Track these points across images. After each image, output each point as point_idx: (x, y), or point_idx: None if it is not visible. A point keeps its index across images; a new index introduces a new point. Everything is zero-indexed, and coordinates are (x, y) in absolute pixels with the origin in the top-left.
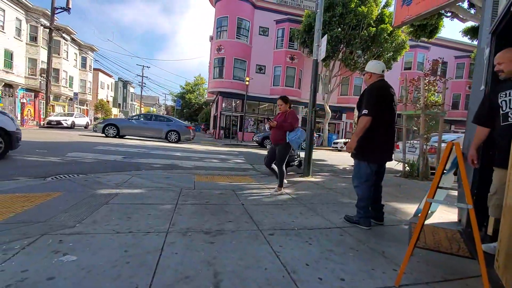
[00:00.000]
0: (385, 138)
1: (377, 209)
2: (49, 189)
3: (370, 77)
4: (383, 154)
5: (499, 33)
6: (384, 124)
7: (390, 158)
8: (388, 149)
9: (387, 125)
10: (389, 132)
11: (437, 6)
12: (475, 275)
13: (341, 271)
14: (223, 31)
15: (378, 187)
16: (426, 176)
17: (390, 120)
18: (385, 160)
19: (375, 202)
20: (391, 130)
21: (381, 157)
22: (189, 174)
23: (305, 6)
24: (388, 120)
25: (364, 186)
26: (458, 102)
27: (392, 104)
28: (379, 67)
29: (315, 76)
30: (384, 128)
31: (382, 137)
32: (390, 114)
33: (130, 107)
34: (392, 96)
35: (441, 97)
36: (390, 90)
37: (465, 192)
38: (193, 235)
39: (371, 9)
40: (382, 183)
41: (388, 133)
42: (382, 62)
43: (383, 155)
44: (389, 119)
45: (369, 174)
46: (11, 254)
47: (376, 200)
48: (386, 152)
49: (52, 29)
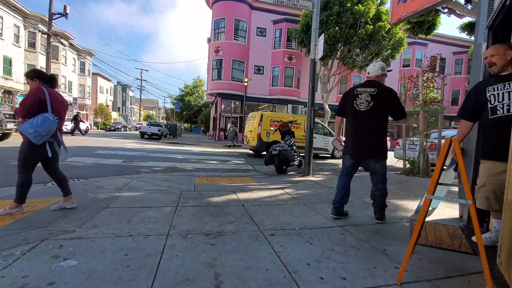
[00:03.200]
0: (354, 132)
1: (373, 206)
2: (49, 194)
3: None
4: (350, 148)
5: (495, 28)
6: (349, 121)
7: (361, 152)
8: (354, 144)
9: (354, 123)
10: (353, 128)
11: (433, 3)
12: (477, 271)
13: (343, 270)
14: (220, 32)
15: (375, 185)
16: (426, 173)
17: (355, 117)
18: (355, 153)
19: (372, 199)
20: (356, 126)
21: (351, 150)
22: (189, 176)
23: (301, 5)
24: (351, 118)
25: (339, 178)
26: (457, 98)
27: (353, 103)
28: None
29: (313, 76)
30: (350, 124)
31: (348, 133)
32: (353, 112)
33: (130, 110)
34: (355, 96)
35: (440, 94)
36: (356, 89)
37: (464, 188)
38: (193, 237)
39: (368, 7)
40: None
41: (353, 129)
42: (374, 63)
43: (350, 149)
44: (353, 117)
45: (343, 167)
46: (12, 260)
47: (372, 197)
48: (353, 147)
49: (50, 34)
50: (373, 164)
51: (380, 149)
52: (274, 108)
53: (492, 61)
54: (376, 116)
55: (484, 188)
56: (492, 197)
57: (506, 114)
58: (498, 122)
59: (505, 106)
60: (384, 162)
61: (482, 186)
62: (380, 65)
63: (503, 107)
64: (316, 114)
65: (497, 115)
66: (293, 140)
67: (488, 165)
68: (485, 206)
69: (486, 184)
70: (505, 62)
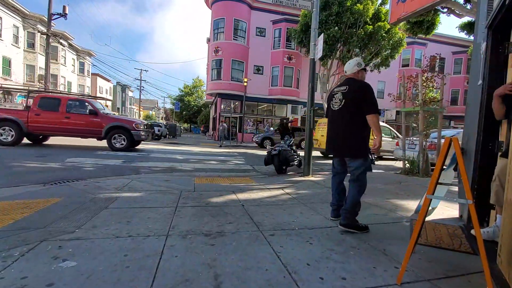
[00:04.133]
0: (329, 132)
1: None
2: (48, 195)
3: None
4: (328, 145)
5: (495, 27)
6: (328, 119)
7: (334, 150)
8: (329, 142)
9: (329, 122)
10: (329, 126)
11: (432, 2)
12: (478, 271)
13: (342, 270)
14: (220, 32)
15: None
16: (426, 173)
17: (331, 117)
18: (331, 151)
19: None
20: (331, 125)
21: (328, 148)
22: (189, 177)
23: (300, 5)
24: (330, 118)
25: (331, 179)
26: (457, 97)
27: (330, 103)
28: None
29: (312, 75)
30: (328, 124)
31: (327, 132)
32: (329, 112)
33: (129, 111)
34: (332, 96)
35: (439, 93)
36: (333, 90)
37: (464, 187)
38: (193, 237)
39: (367, 7)
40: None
41: (328, 128)
42: (349, 61)
43: (327, 147)
44: (329, 117)
45: (332, 166)
46: (11, 261)
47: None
48: (328, 145)
49: (50, 35)
50: (349, 163)
51: (352, 147)
52: (274, 108)
53: None
54: (348, 114)
55: (495, 183)
56: (501, 192)
57: None
58: None
59: None
60: (358, 161)
61: (493, 180)
62: (355, 61)
63: None
64: (315, 114)
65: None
66: (292, 140)
67: (501, 162)
68: (494, 200)
69: (496, 178)
70: None
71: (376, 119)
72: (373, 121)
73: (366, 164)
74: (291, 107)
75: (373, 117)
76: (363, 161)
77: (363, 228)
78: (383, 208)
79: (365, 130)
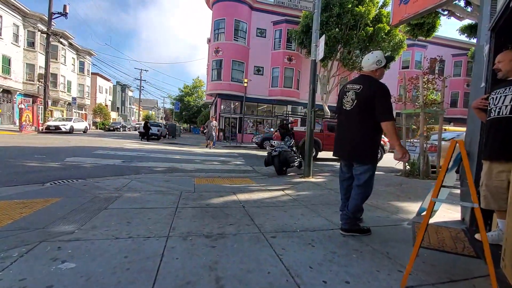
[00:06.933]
0: (338, 133)
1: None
2: (47, 194)
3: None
4: (336, 147)
5: (498, 30)
6: (338, 120)
7: (342, 153)
8: (337, 145)
9: (339, 122)
10: (338, 128)
11: (434, 5)
12: (482, 275)
13: (346, 273)
14: (220, 33)
15: (353, 190)
16: (427, 175)
17: (341, 116)
18: (339, 154)
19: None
20: (341, 126)
21: (336, 150)
22: (189, 177)
23: (302, 6)
24: (340, 117)
25: (339, 183)
26: (456, 100)
27: (342, 101)
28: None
29: (313, 77)
30: (338, 124)
31: (336, 133)
32: (341, 110)
33: (129, 111)
34: (344, 93)
35: (440, 95)
36: (346, 86)
37: (470, 190)
38: (194, 239)
39: (368, 9)
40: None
41: (338, 129)
42: (368, 56)
43: (335, 150)
44: (340, 116)
45: (339, 170)
46: (9, 262)
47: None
48: (335, 147)
49: (50, 34)
50: (355, 167)
51: (362, 152)
52: (274, 109)
53: (498, 67)
54: (360, 116)
55: (482, 188)
56: (489, 197)
57: (497, 116)
58: (488, 124)
59: (497, 109)
60: (366, 167)
61: (481, 185)
62: (375, 58)
63: (495, 110)
64: (316, 115)
65: (489, 117)
66: (293, 141)
67: (485, 166)
68: (483, 205)
69: (482, 183)
70: (509, 68)
71: (392, 126)
72: (388, 129)
73: (374, 169)
74: (291, 108)
75: (387, 124)
76: (371, 167)
77: (365, 231)
78: (384, 210)
79: (377, 135)
